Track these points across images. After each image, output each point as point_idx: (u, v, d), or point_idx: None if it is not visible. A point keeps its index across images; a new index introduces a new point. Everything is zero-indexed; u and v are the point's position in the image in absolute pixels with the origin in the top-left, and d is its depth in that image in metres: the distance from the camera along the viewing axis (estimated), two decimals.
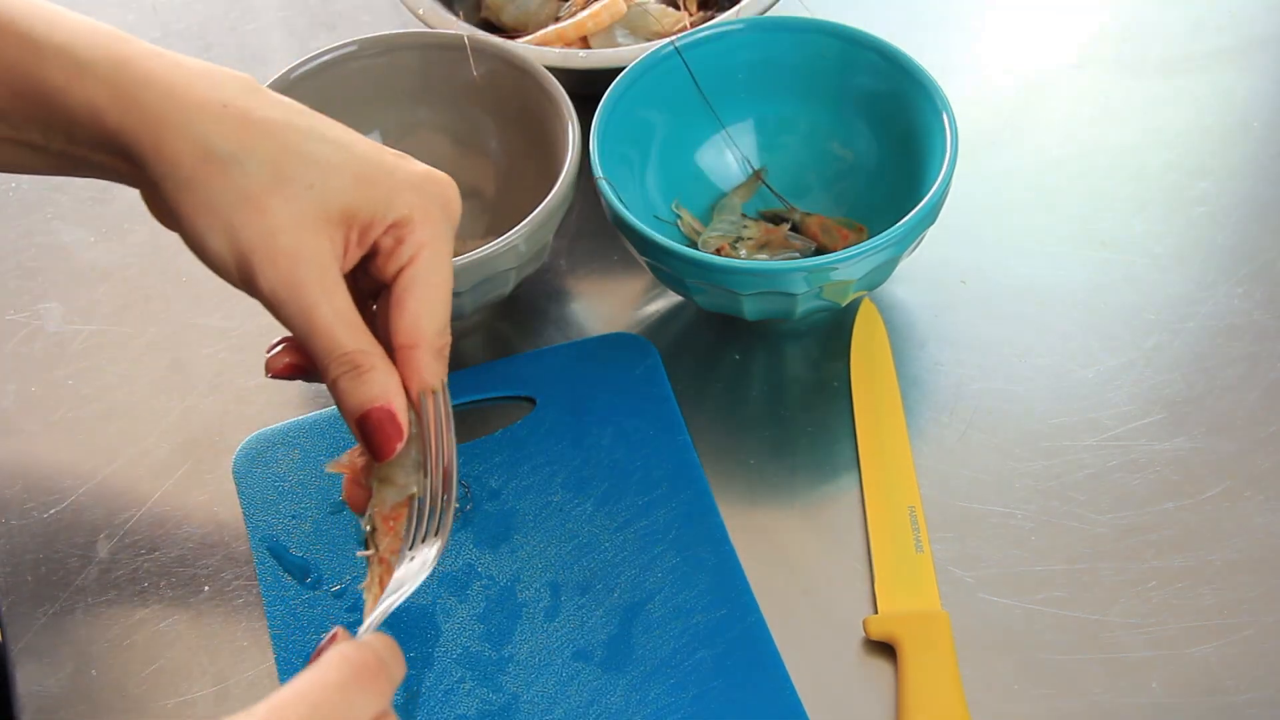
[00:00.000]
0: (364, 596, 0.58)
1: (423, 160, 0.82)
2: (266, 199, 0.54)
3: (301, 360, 0.60)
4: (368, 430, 0.57)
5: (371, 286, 0.60)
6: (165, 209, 0.56)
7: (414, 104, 0.82)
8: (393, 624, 0.67)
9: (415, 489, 0.58)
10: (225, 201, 0.54)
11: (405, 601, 0.57)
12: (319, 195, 0.55)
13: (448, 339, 0.59)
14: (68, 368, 0.79)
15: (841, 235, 0.78)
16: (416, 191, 0.58)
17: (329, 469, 0.61)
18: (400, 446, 0.57)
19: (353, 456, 0.60)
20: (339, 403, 0.57)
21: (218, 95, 0.55)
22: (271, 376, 0.60)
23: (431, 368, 0.58)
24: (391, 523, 0.58)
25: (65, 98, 0.54)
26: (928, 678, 0.64)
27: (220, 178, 0.54)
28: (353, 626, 0.67)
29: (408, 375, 0.58)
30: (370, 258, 0.58)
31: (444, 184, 0.59)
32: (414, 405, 0.58)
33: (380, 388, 0.56)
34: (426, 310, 0.58)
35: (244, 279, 0.56)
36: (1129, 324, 0.78)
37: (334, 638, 0.54)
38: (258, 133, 0.55)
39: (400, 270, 0.58)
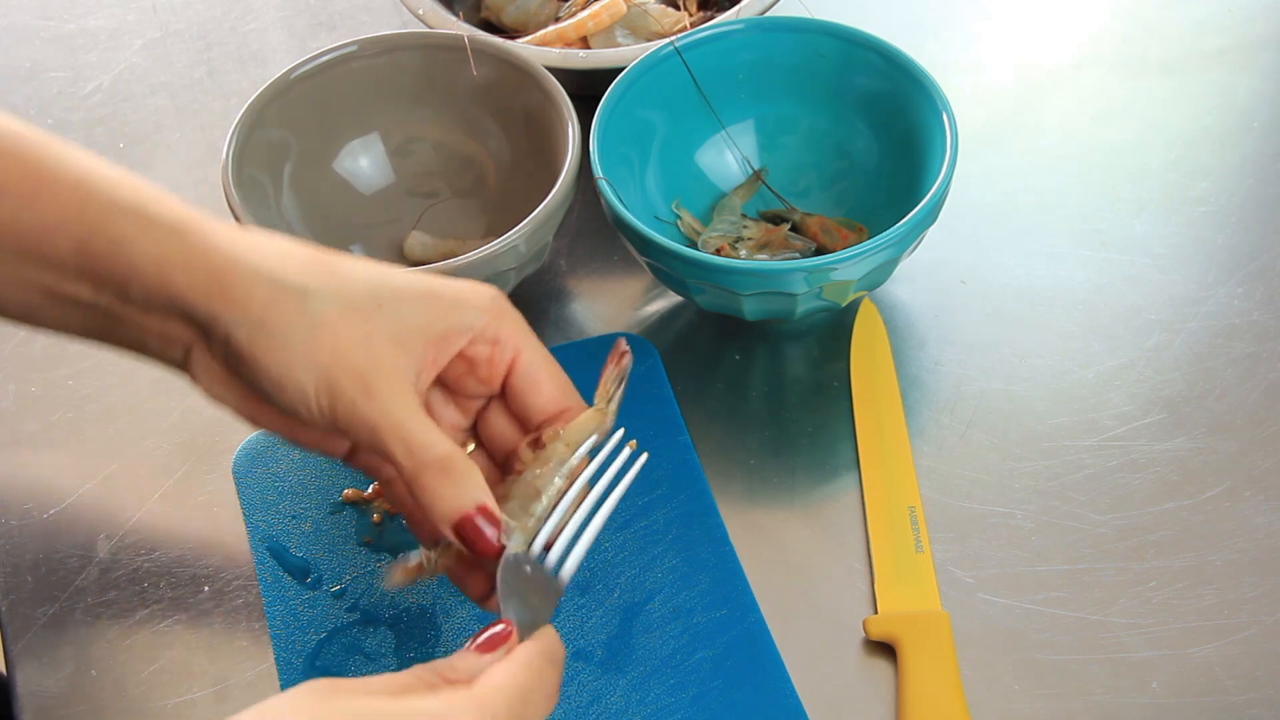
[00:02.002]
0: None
1: (422, 160, 0.83)
2: (339, 323, 0.55)
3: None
4: (468, 532, 0.56)
5: (466, 409, 0.62)
6: (234, 362, 0.56)
7: (414, 104, 0.82)
8: (393, 624, 0.67)
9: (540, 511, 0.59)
10: (299, 333, 0.55)
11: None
12: (389, 315, 0.56)
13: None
14: (68, 368, 0.79)
15: (841, 235, 0.78)
16: (481, 301, 0.59)
17: (391, 585, 0.60)
18: (497, 538, 0.57)
19: (434, 556, 0.59)
20: (427, 505, 0.56)
21: (279, 245, 0.56)
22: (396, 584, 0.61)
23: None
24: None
25: (131, 251, 0.54)
26: (928, 678, 0.64)
27: (293, 312, 0.54)
28: (352, 626, 0.67)
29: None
30: (466, 375, 0.60)
31: (497, 292, 0.60)
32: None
33: (478, 488, 0.56)
34: (561, 383, 0.60)
35: (326, 405, 0.55)
36: (1129, 324, 0.78)
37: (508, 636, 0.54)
38: (324, 269, 0.56)
39: (510, 367, 0.60)
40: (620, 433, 0.61)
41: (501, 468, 0.62)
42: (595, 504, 0.59)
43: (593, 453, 0.60)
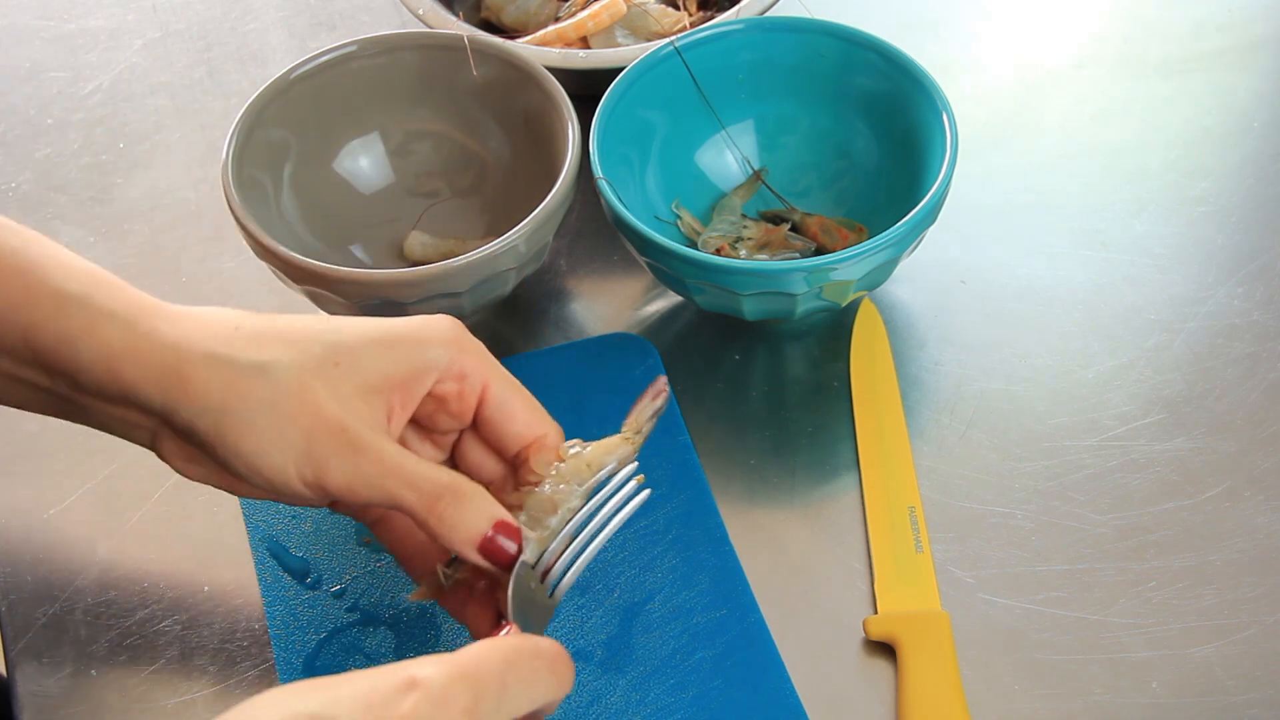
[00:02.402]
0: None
1: (422, 160, 0.83)
2: (303, 392, 0.55)
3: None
4: (491, 550, 0.56)
5: (441, 444, 0.61)
6: (204, 448, 0.56)
7: (414, 104, 0.82)
8: (393, 624, 0.67)
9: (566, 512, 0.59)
10: (264, 413, 0.54)
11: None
12: (349, 370, 0.56)
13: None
14: None
15: (841, 235, 0.78)
16: (441, 336, 0.58)
17: (414, 599, 0.62)
18: (516, 549, 0.57)
19: (450, 573, 0.59)
20: (445, 535, 0.56)
21: (226, 321, 0.56)
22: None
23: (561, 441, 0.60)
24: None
25: (78, 346, 0.54)
26: (928, 678, 0.64)
27: (253, 392, 0.54)
28: (352, 626, 0.67)
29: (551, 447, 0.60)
30: (437, 412, 0.59)
31: (454, 323, 0.59)
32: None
33: (490, 505, 0.56)
34: (533, 409, 0.60)
35: (311, 476, 0.55)
36: (1129, 324, 0.78)
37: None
38: (275, 339, 0.55)
39: (480, 400, 0.59)
40: (635, 464, 0.61)
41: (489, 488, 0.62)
42: (594, 530, 0.59)
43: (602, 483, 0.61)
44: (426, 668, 0.46)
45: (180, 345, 0.54)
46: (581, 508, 0.59)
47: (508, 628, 0.54)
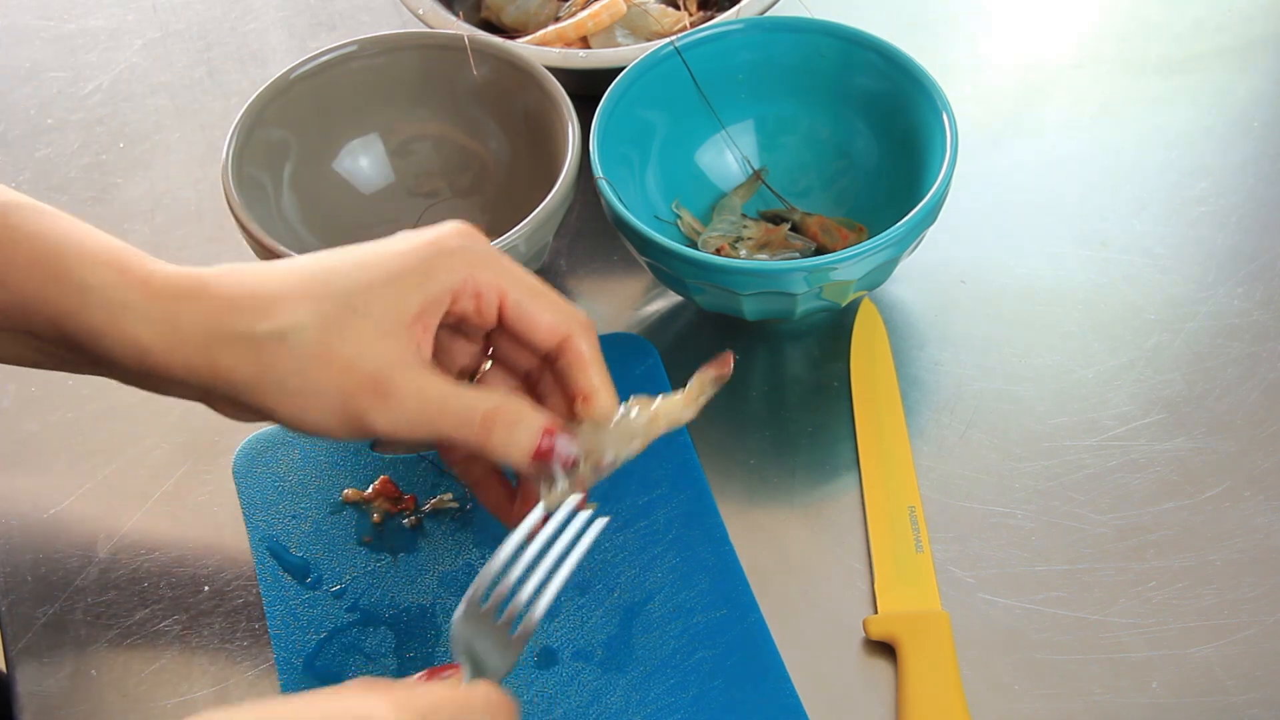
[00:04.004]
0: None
1: (422, 160, 0.83)
2: (327, 350, 0.55)
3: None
4: (549, 457, 0.57)
5: (474, 337, 0.61)
6: (251, 411, 0.57)
7: (414, 104, 0.82)
8: (393, 624, 0.67)
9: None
10: (294, 375, 0.55)
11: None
12: (364, 315, 0.55)
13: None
14: None
15: (841, 235, 0.78)
16: (450, 254, 0.57)
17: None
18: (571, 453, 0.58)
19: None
20: (505, 457, 0.57)
21: (244, 288, 0.56)
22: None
23: (589, 343, 0.59)
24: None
25: (104, 341, 0.55)
26: (928, 678, 0.64)
27: (280, 359, 0.55)
28: (352, 626, 0.67)
29: (580, 348, 0.59)
30: (461, 323, 0.59)
31: (461, 234, 0.59)
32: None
33: (535, 418, 0.57)
34: (555, 310, 0.59)
35: (357, 426, 0.56)
36: (1129, 324, 0.78)
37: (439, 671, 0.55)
38: (289, 300, 0.55)
39: (500, 308, 0.58)
40: (578, 497, 0.59)
41: (525, 380, 0.62)
42: (553, 566, 0.58)
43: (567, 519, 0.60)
44: (380, 708, 0.48)
45: (202, 329, 0.55)
46: (629, 448, 0.59)
47: (450, 671, 0.54)
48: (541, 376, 0.61)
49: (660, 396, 0.61)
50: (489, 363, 0.62)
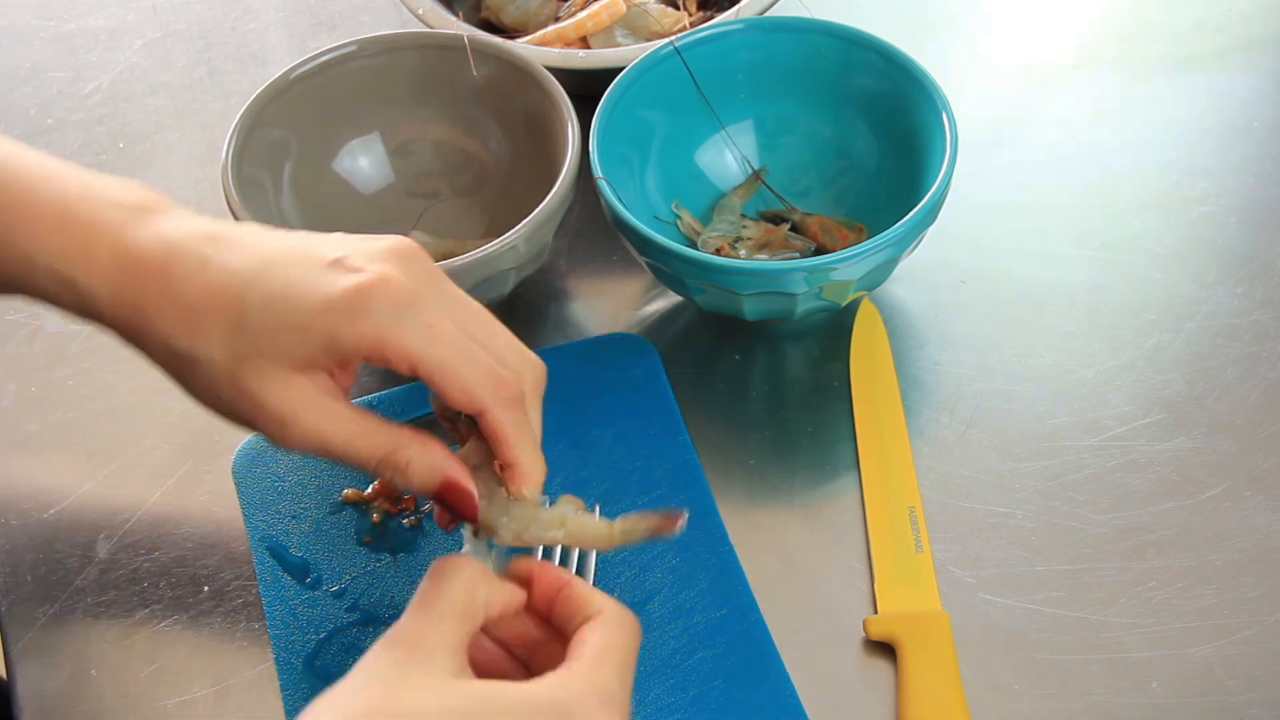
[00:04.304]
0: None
1: (422, 160, 0.83)
2: (235, 381, 0.55)
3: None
4: (448, 495, 0.57)
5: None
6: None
7: (414, 104, 0.82)
8: (393, 623, 0.67)
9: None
10: (209, 395, 0.56)
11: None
12: (272, 359, 0.55)
13: (511, 380, 0.58)
14: (68, 368, 0.79)
15: (841, 235, 0.78)
16: (357, 318, 0.54)
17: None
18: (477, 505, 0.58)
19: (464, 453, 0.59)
20: (405, 486, 0.57)
21: (184, 283, 0.55)
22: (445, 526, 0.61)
23: (511, 418, 0.58)
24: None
25: (88, 303, 0.56)
26: (928, 678, 0.64)
27: (198, 375, 0.56)
28: (352, 626, 0.67)
29: (495, 423, 0.58)
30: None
31: (381, 279, 0.54)
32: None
33: (432, 463, 0.57)
34: (472, 380, 0.56)
35: (282, 443, 0.57)
36: (1129, 324, 0.78)
37: None
38: (203, 329, 0.55)
39: (414, 372, 0.56)
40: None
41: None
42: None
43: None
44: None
45: (131, 304, 0.55)
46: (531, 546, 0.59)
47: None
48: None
49: (594, 512, 0.60)
50: None
